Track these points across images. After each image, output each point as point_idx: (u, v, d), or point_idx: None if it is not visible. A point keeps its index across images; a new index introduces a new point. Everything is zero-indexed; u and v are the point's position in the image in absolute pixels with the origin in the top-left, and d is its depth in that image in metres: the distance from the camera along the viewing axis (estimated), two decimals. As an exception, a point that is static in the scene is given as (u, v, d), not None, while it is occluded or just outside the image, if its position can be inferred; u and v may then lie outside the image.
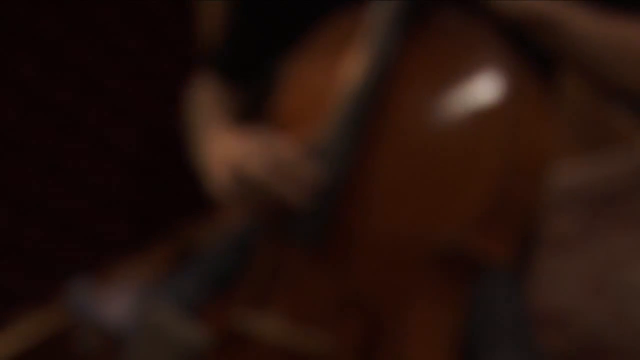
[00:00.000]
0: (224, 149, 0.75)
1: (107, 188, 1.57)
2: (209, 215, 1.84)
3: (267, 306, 0.70)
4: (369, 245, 0.67)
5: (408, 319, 0.65)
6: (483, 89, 0.66)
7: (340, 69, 0.72)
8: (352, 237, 0.67)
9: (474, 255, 0.65)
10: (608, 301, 1.69)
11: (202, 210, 1.82)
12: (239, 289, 0.74)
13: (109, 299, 1.69)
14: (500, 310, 0.81)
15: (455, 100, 0.66)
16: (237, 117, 0.93)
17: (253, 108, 0.93)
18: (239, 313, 0.70)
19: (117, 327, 1.60)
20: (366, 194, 0.67)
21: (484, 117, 0.65)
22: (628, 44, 0.68)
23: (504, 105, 0.65)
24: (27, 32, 1.31)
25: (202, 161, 0.82)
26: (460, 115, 0.66)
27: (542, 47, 0.69)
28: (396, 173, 0.67)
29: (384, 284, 0.66)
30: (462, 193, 0.64)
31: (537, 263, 1.81)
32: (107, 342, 1.57)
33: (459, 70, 0.67)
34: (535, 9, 0.67)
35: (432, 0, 0.71)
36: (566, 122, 2.61)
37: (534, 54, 0.70)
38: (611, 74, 0.69)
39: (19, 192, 1.40)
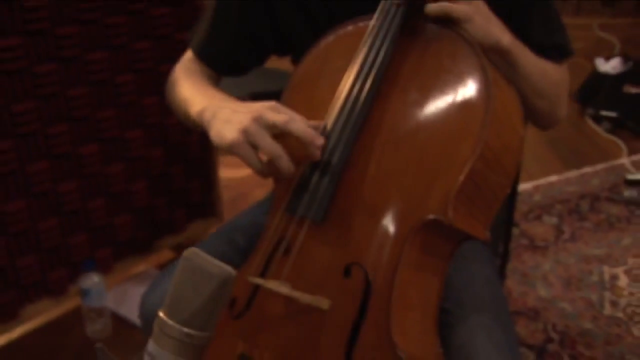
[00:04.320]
0: (237, 105, 0.84)
1: (124, 191, 1.69)
2: (210, 217, 1.96)
3: (274, 275, 0.83)
4: (366, 218, 0.79)
5: (396, 283, 0.78)
6: (462, 88, 0.79)
7: (343, 71, 0.85)
8: (351, 211, 0.80)
9: (454, 230, 0.78)
10: (578, 294, 1.83)
11: (204, 214, 1.93)
12: (249, 260, 0.86)
13: (119, 288, 1.81)
14: (477, 281, 0.94)
15: (438, 97, 0.80)
16: None
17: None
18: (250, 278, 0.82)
19: (125, 314, 1.71)
20: (364, 175, 0.80)
21: (464, 112, 0.78)
22: (545, 73, 0.93)
23: (480, 103, 0.78)
24: (56, 46, 1.44)
25: (203, 115, 0.88)
26: (443, 109, 0.79)
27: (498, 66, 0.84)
28: (389, 158, 0.80)
29: (377, 252, 0.79)
30: (443, 174, 0.77)
31: (518, 264, 1.95)
32: (115, 326, 1.68)
33: (442, 71, 0.81)
34: (502, 42, 0.84)
35: (419, 17, 0.84)
36: (550, 144, 2.77)
37: None
38: (533, 94, 0.91)
39: (45, 191, 1.52)
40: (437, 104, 0.80)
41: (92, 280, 1.60)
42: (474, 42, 0.81)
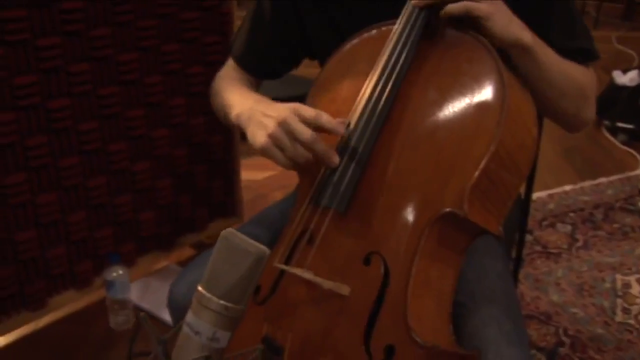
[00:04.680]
0: (267, 106, 0.90)
1: (149, 188, 1.75)
2: (231, 217, 2.01)
3: (298, 263, 0.88)
4: (386, 210, 0.84)
5: (413, 272, 0.82)
6: (479, 90, 0.84)
7: (368, 77, 0.90)
8: (372, 203, 0.85)
9: (469, 223, 0.82)
10: (590, 300, 1.86)
11: (225, 213, 1.99)
12: (274, 249, 0.91)
13: (141, 282, 1.86)
14: (490, 276, 0.98)
15: (456, 98, 0.84)
16: None
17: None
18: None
19: (146, 307, 1.77)
20: (385, 170, 0.85)
21: (480, 112, 0.83)
22: (569, 72, 0.95)
23: (495, 104, 0.83)
24: (90, 47, 1.51)
25: (239, 118, 0.95)
26: (460, 109, 0.84)
27: (517, 66, 0.88)
28: (409, 154, 0.85)
29: (396, 243, 0.84)
30: (460, 170, 0.81)
31: (531, 269, 1.98)
32: (136, 318, 1.74)
33: (460, 73, 0.86)
34: (524, 40, 0.88)
35: (438, 21, 0.89)
36: (566, 155, 2.81)
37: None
38: (557, 94, 0.95)
39: (76, 185, 1.58)
40: (455, 105, 0.85)
41: (117, 272, 1.66)
42: (491, 47, 0.86)
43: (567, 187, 2.53)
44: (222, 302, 0.60)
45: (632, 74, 3.13)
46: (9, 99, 1.40)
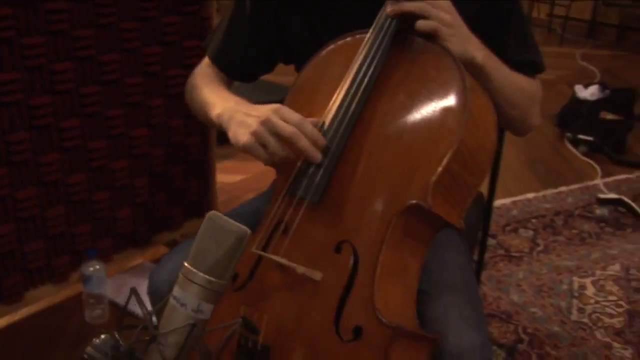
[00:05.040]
0: (249, 108, 0.96)
1: (127, 186, 1.79)
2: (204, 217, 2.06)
3: (273, 251, 0.94)
4: (356, 202, 0.91)
5: (380, 260, 0.89)
6: (444, 95, 0.92)
7: (341, 81, 0.98)
8: (343, 196, 0.92)
9: (432, 215, 0.90)
10: (548, 300, 1.95)
11: (199, 213, 2.04)
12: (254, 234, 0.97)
13: (117, 279, 1.90)
14: (451, 267, 1.06)
15: (423, 102, 0.92)
16: None
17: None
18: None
19: (122, 303, 1.81)
20: (356, 165, 0.93)
21: (444, 114, 0.91)
22: (517, 85, 1.06)
23: (458, 107, 0.90)
24: (73, 47, 1.56)
25: (220, 117, 1.00)
26: (427, 112, 0.92)
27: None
28: (378, 152, 0.92)
29: (366, 232, 0.91)
30: (425, 166, 0.89)
31: (494, 272, 2.08)
32: (112, 314, 1.78)
33: (427, 79, 0.94)
34: (477, 59, 0.97)
35: (408, 31, 0.97)
36: (530, 165, 2.93)
37: None
38: (506, 104, 1.03)
39: (55, 181, 1.62)
40: (422, 108, 0.93)
41: (94, 267, 1.70)
42: (456, 56, 0.94)
43: (530, 195, 2.63)
44: (206, 276, 0.66)
45: (593, 88, 3.28)
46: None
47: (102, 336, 0.67)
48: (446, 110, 0.92)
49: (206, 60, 1.20)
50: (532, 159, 3.06)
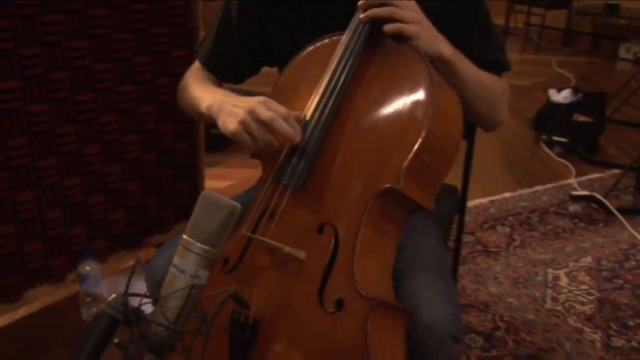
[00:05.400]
0: (237, 100, 1.06)
1: (120, 189, 1.88)
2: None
3: (261, 234, 1.03)
4: (336, 187, 1.01)
5: (358, 239, 0.99)
6: (413, 89, 1.02)
7: (321, 78, 1.07)
8: (324, 182, 1.02)
9: (405, 197, 0.99)
10: (524, 291, 2.06)
11: (189, 216, 2.12)
12: (240, 224, 1.07)
13: (112, 279, 1.98)
14: (425, 249, 1.15)
15: (395, 96, 1.02)
16: None
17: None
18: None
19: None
20: (335, 154, 1.02)
21: (414, 107, 1.01)
22: (483, 81, 1.15)
23: (426, 100, 1.00)
24: (69, 57, 1.64)
25: (210, 109, 1.10)
26: (398, 105, 1.02)
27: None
28: (355, 141, 1.02)
29: (345, 215, 1.00)
30: (397, 153, 0.98)
31: (472, 266, 2.17)
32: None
33: (398, 76, 1.04)
34: (444, 54, 1.07)
35: (380, 33, 1.07)
36: (507, 166, 3.04)
37: None
38: (474, 98, 1.13)
39: (52, 185, 1.70)
40: (394, 101, 1.03)
41: (91, 266, 1.78)
42: (424, 54, 1.04)
43: (507, 194, 2.75)
44: (202, 246, 0.75)
45: (566, 92, 3.41)
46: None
47: (113, 295, 0.76)
48: (415, 103, 1.02)
49: (196, 64, 1.30)
50: (509, 160, 3.18)
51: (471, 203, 2.62)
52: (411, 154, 0.98)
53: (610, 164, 3.05)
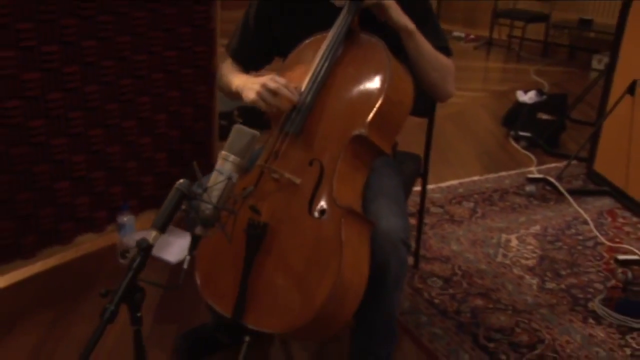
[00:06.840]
0: (255, 79, 1.51)
1: (150, 158, 2.31)
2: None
3: (272, 166, 1.46)
4: (323, 133, 1.45)
5: (337, 170, 1.42)
6: (377, 67, 1.46)
7: (313, 61, 1.51)
8: (315, 130, 1.45)
9: (370, 143, 1.43)
10: (480, 249, 2.49)
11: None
12: (256, 162, 1.50)
13: (142, 233, 2.40)
14: (386, 185, 1.59)
15: (364, 72, 1.46)
16: None
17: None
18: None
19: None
20: (322, 111, 1.46)
21: (377, 78, 1.45)
22: (436, 55, 1.56)
23: (384, 73, 1.44)
24: (81, 54, 2.08)
25: (237, 87, 1.57)
26: (366, 77, 1.46)
27: (405, 48, 1.51)
28: (336, 102, 1.47)
29: (328, 153, 1.44)
30: (365, 110, 1.42)
31: (439, 230, 2.60)
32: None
33: (367, 59, 1.48)
34: (409, 26, 1.50)
35: (356, 29, 1.51)
36: (478, 157, 3.48)
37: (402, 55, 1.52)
38: (429, 68, 1.55)
39: (98, 151, 2.13)
40: (363, 76, 1.47)
41: (127, 217, 2.21)
42: (385, 45, 1.48)
43: (475, 177, 3.19)
44: (235, 157, 1.18)
45: (531, 93, 3.87)
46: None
47: (182, 180, 1.19)
48: (378, 77, 1.46)
49: (229, 59, 1.76)
50: (480, 152, 3.62)
51: (443, 184, 3.06)
52: (374, 111, 1.42)
53: (567, 155, 3.48)
